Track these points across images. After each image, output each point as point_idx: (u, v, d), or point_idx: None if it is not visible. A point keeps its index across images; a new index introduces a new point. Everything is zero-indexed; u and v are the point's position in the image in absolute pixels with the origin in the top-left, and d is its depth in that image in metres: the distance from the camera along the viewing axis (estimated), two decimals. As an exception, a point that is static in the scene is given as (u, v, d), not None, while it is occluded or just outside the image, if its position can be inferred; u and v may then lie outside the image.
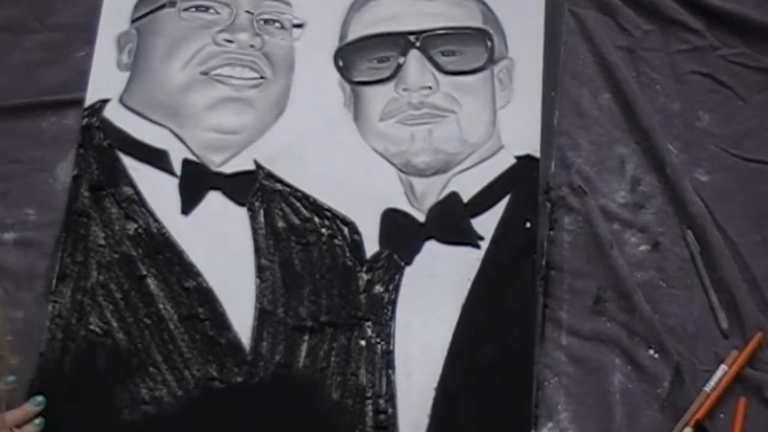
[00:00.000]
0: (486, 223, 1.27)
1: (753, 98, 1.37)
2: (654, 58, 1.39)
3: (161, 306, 1.23)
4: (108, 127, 1.32)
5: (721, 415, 1.19)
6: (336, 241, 1.26)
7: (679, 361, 1.21)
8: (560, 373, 1.22)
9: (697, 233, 1.28)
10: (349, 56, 1.36)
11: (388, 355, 1.21)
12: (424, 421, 1.18)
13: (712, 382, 1.19)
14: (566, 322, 1.24)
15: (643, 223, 1.29)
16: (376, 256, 1.26)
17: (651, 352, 1.22)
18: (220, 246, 1.26)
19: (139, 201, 1.28)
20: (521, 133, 1.32)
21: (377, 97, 1.33)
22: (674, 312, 1.24)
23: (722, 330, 1.23)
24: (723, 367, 1.20)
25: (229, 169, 1.30)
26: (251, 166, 1.30)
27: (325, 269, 1.25)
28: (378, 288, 1.24)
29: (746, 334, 1.22)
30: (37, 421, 1.17)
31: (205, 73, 1.34)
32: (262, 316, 1.22)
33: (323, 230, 1.27)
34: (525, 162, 1.30)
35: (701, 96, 1.37)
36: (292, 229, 1.27)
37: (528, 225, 1.26)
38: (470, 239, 1.26)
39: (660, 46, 1.39)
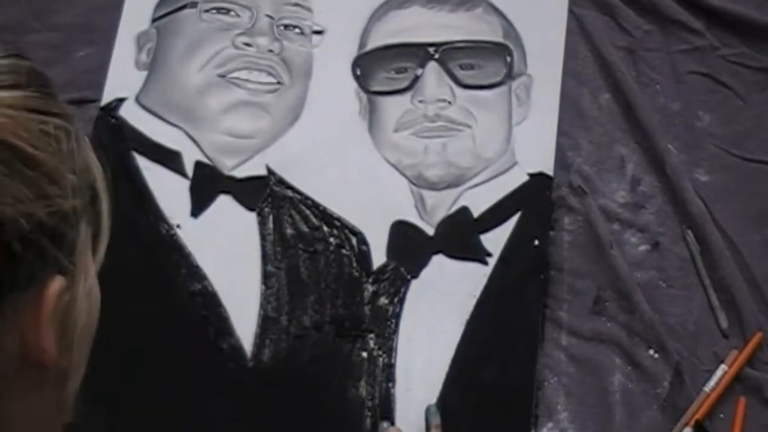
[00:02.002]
0: (495, 240, 1.27)
1: (753, 98, 1.37)
2: (654, 58, 1.39)
3: (165, 307, 1.23)
4: (123, 126, 1.32)
5: (721, 415, 1.19)
6: (343, 251, 1.26)
7: (679, 361, 1.21)
8: (560, 373, 1.22)
9: (697, 233, 1.28)
10: (367, 65, 1.36)
11: (389, 369, 1.21)
12: (422, 436, 1.18)
13: (712, 382, 1.20)
14: (566, 322, 1.24)
15: (643, 223, 1.30)
16: (383, 268, 1.25)
17: (651, 352, 1.22)
18: (227, 250, 1.26)
19: (150, 201, 1.28)
20: (535, 150, 1.31)
21: (393, 108, 1.33)
22: (674, 312, 1.25)
23: (722, 330, 1.24)
24: (723, 367, 1.21)
25: (240, 173, 1.30)
26: (263, 172, 1.30)
27: (331, 279, 1.25)
28: (383, 300, 1.24)
29: (746, 334, 1.23)
30: None
31: (222, 76, 1.34)
32: (266, 323, 1.22)
33: (331, 239, 1.27)
34: (537, 180, 1.30)
35: (701, 96, 1.37)
36: (301, 236, 1.27)
37: (536, 243, 1.26)
38: (478, 255, 1.26)
39: (660, 46, 1.39)
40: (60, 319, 0.60)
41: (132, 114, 1.33)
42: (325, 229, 1.27)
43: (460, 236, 1.27)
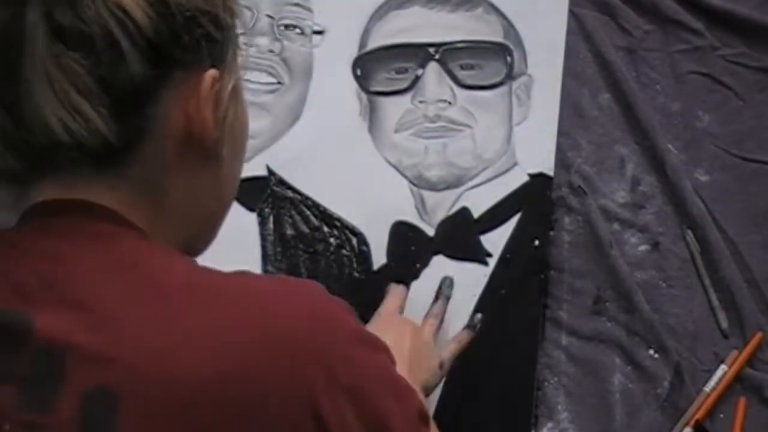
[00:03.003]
0: (495, 240, 1.27)
1: (753, 98, 1.37)
2: (654, 58, 1.39)
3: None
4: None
5: (721, 415, 1.20)
6: (344, 252, 1.26)
7: (679, 361, 1.21)
8: (560, 373, 1.22)
9: (697, 233, 1.28)
10: (367, 65, 1.36)
11: (390, 369, 1.21)
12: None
13: (712, 382, 1.20)
14: (566, 322, 1.24)
15: (643, 223, 1.30)
16: (383, 269, 1.26)
17: (651, 352, 1.22)
18: (227, 251, 1.24)
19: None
20: (536, 150, 1.31)
21: (393, 108, 1.33)
22: (674, 312, 1.25)
23: (722, 330, 1.24)
24: (723, 367, 1.21)
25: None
26: (263, 172, 1.30)
27: (332, 279, 1.25)
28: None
29: (746, 334, 1.23)
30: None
31: (222, 76, 1.34)
32: (266, 324, 1.22)
33: (332, 240, 1.27)
34: (538, 180, 1.30)
35: (701, 96, 1.37)
36: (301, 237, 1.27)
37: (537, 243, 1.26)
38: (478, 255, 1.26)
39: (660, 46, 1.40)
40: (214, 105, 0.75)
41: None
42: (326, 229, 1.27)
43: (460, 237, 1.27)
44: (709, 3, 1.40)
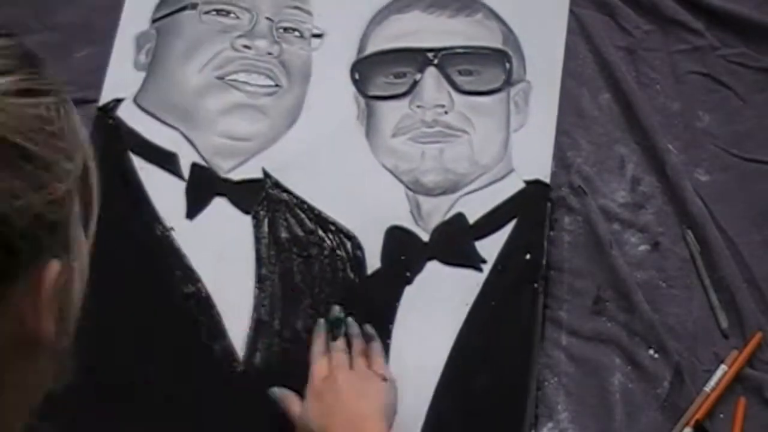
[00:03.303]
0: (490, 247, 1.26)
1: (753, 98, 1.37)
2: (654, 58, 1.39)
3: (157, 309, 1.23)
4: (120, 126, 1.32)
5: (721, 415, 1.19)
6: (338, 256, 1.26)
7: (679, 361, 1.21)
8: (560, 373, 1.22)
9: (697, 233, 1.28)
10: (365, 69, 1.36)
11: (381, 374, 1.20)
12: (413, 444, 1.17)
13: (712, 382, 1.20)
14: (566, 322, 1.24)
15: (643, 223, 1.29)
16: (377, 273, 1.25)
17: (651, 352, 1.22)
18: (222, 253, 1.26)
19: (145, 202, 1.28)
20: (533, 157, 1.31)
21: (391, 113, 1.32)
22: (674, 312, 1.25)
23: (722, 330, 1.24)
24: (723, 367, 1.21)
25: (236, 176, 1.30)
26: (259, 175, 1.30)
27: (325, 283, 1.25)
28: (376, 305, 1.23)
29: (746, 334, 1.23)
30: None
31: (220, 78, 1.34)
32: (258, 327, 1.22)
33: (326, 243, 1.26)
34: (534, 187, 1.30)
35: (701, 96, 1.37)
36: (295, 240, 1.27)
37: (528, 256, 1.25)
38: (473, 262, 1.25)
39: (660, 46, 1.39)
40: (59, 299, 0.62)
41: (129, 114, 1.33)
42: (320, 233, 1.27)
43: (455, 242, 1.27)
44: (709, 3, 1.40)
